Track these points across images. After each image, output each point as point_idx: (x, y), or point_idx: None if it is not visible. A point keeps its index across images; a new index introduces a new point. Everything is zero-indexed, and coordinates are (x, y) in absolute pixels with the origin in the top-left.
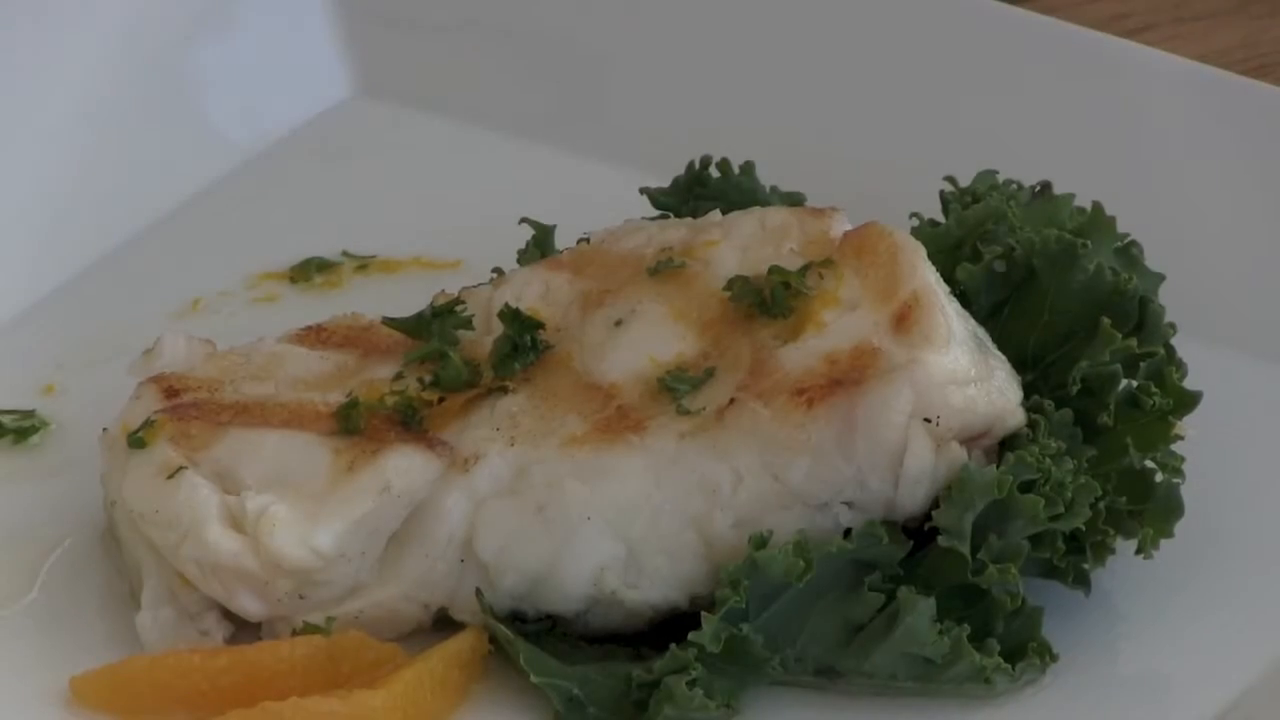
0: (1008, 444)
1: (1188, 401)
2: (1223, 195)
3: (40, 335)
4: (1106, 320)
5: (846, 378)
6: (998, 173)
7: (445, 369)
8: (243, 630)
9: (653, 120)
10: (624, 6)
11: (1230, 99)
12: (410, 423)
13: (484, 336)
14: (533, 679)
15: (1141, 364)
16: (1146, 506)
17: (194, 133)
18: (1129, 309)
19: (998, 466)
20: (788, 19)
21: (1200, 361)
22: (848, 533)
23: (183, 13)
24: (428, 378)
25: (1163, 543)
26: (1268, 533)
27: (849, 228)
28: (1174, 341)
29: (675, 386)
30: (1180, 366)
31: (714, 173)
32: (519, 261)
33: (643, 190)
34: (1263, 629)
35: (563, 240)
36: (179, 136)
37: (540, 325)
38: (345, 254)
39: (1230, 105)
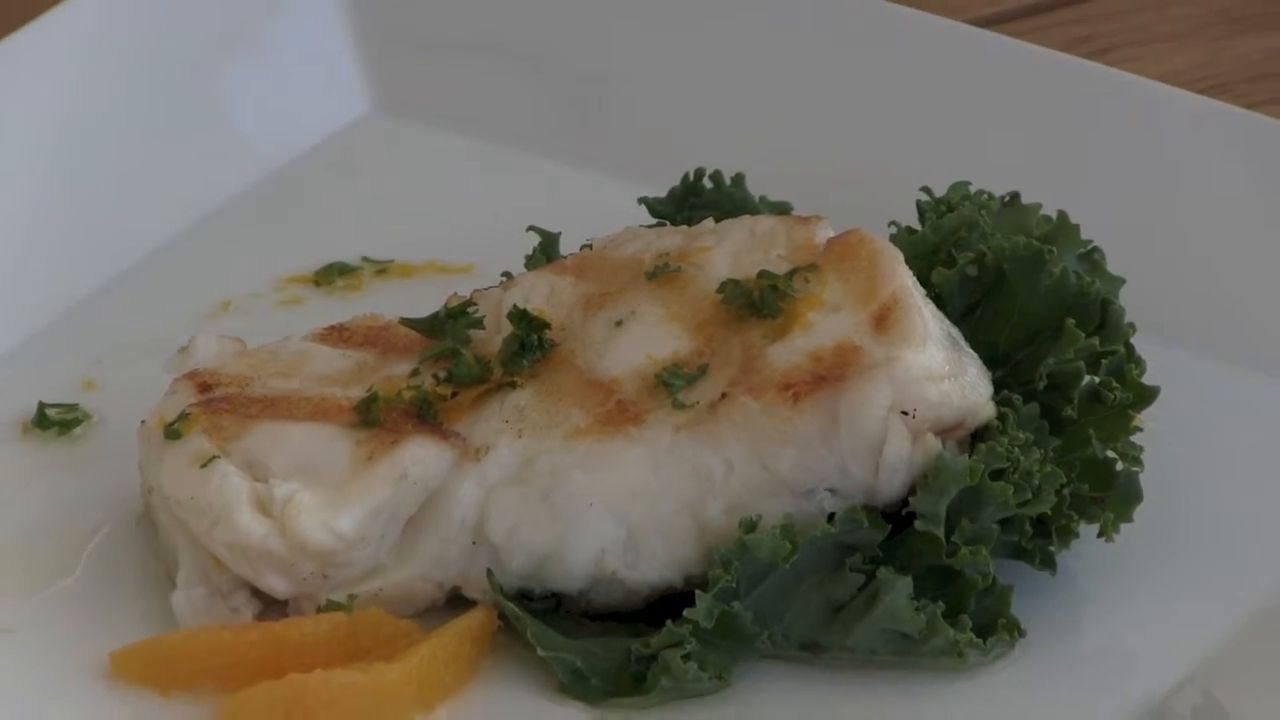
0: (979, 435)
1: (1146, 396)
2: (1179, 204)
3: (81, 334)
4: (1071, 321)
5: (830, 374)
6: (970, 184)
7: (458, 366)
8: (270, 607)
9: (650, 135)
10: (625, 33)
11: (1186, 116)
12: (426, 416)
13: (494, 335)
14: (539, 652)
15: (1103, 361)
16: (1108, 493)
17: (224, 146)
18: (1092, 310)
19: (970, 456)
20: (778, 44)
21: (1158, 358)
22: (831, 517)
23: (214, 37)
24: (442, 374)
25: (1123, 527)
26: (1221, 517)
27: (832, 235)
28: (1133, 340)
29: (671, 382)
30: (1139, 363)
31: (707, 184)
32: (526, 266)
33: (641, 200)
34: (1217, 605)
35: (567, 246)
36: (210, 149)
37: (546, 325)
38: (365, 259)
39: (1186, 122)
